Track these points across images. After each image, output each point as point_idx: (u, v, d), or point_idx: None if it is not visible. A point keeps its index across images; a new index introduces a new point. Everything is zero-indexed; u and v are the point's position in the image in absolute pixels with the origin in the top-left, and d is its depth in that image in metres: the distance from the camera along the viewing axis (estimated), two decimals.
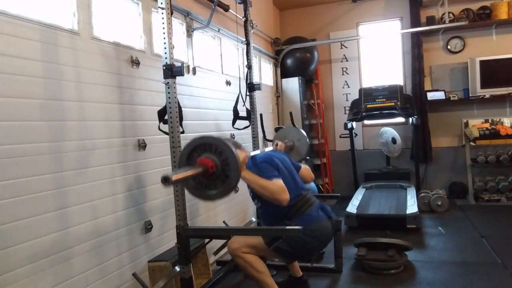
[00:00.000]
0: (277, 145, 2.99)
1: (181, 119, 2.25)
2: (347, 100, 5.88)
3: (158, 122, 2.29)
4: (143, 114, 2.59)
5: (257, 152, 2.50)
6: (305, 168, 2.74)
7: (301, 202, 2.37)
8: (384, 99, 5.10)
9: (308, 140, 3.49)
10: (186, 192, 2.25)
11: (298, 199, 2.37)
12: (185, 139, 2.97)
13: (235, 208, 3.90)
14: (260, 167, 2.30)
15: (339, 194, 3.92)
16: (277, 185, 2.20)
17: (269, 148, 3.02)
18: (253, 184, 2.21)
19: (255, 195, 2.38)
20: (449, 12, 5.08)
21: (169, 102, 2.18)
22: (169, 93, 2.17)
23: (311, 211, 2.37)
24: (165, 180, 1.64)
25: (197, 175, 1.86)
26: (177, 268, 2.30)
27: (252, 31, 3.59)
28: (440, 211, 4.66)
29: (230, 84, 3.88)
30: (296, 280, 2.75)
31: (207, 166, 1.86)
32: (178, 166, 2.01)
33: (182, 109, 2.28)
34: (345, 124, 5.25)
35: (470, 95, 5.18)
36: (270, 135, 4.59)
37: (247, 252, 2.28)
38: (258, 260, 2.30)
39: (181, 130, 2.27)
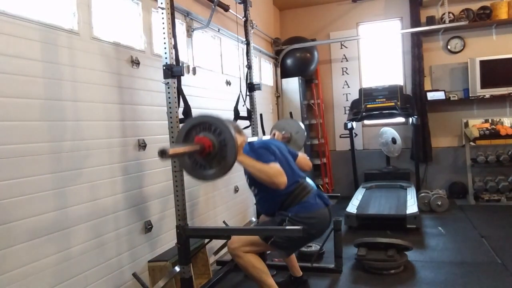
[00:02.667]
0: (274, 134, 2.99)
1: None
2: (347, 100, 5.88)
3: (159, 122, 2.30)
4: (143, 114, 2.59)
5: (255, 138, 2.49)
6: (302, 156, 2.71)
7: (298, 189, 2.36)
8: (384, 99, 5.10)
9: (305, 133, 3.46)
10: (186, 192, 2.25)
11: (295, 186, 2.35)
12: None
13: (235, 208, 3.90)
14: (257, 152, 2.28)
15: (339, 194, 3.92)
16: (274, 168, 2.18)
17: (267, 136, 3.01)
18: (250, 168, 2.19)
19: (252, 182, 2.36)
20: (449, 12, 5.09)
21: (169, 102, 2.17)
22: (169, 93, 2.17)
23: (308, 198, 2.35)
24: (162, 153, 1.63)
25: (194, 153, 1.84)
26: (177, 268, 2.30)
27: (252, 31, 3.59)
28: (440, 211, 4.66)
29: (230, 84, 3.88)
30: (296, 279, 2.75)
31: (204, 145, 1.84)
32: (176, 142, 2.00)
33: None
34: (345, 124, 5.25)
35: (470, 95, 5.18)
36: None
37: (247, 251, 2.27)
38: (258, 260, 2.30)
39: None
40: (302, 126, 3.47)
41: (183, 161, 1.96)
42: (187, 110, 2.24)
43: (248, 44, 3.48)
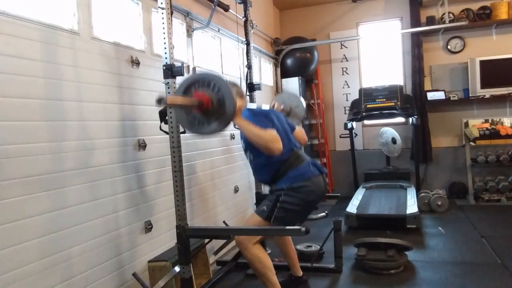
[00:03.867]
0: (274, 105, 2.98)
1: None
2: (347, 100, 5.88)
3: (159, 122, 2.30)
4: (143, 114, 2.59)
5: (254, 105, 2.50)
6: (299, 130, 2.71)
7: (293, 157, 2.37)
8: (384, 99, 5.11)
9: (305, 107, 3.42)
10: (186, 192, 2.25)
11: (290, 154, 2.36)
12: (188, 138, 3.00)
13: (235, 208, 3.90)
14: (255, 117, 2.29)
15: (339, 194, 3.91)
16: (271, 134, 2.19)
17: (266, 106, 3.00)
18: (247, 131, 2.19)
19: (248, 147, 2.38)
20: (449, 12, 5.09)
21: None
22: (169, 93, 2.17)
23: (302, 165, 2.37)
24: (159, 101, 1.65)
25: (192, 106, 1.86)
26: (177, 268, 2.30)
27: (252, 31, 3.59)
28: (440, 211, 4.66)
29: None
30: (296, 279, 2.75)
31: (203, 100, 1.86)
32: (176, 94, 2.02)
33: None
34: (345, 124, 5.25)
35: (470, 95, 5.18)
36: None
37: (254, 241, 2.28)
38: (265, 256, 2.32)
39: (182, 130, 2.27)
40: (303, 100, 3.42)
41: (180, 115, 1.96)
42: None
43: (248, 44, 3.48)
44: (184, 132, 2.30)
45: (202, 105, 1.86)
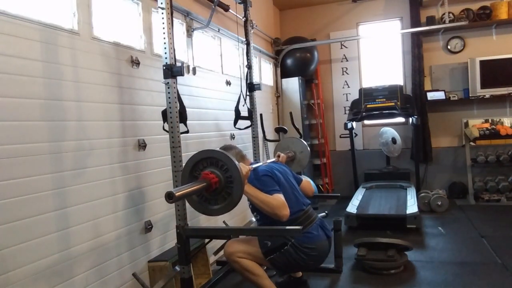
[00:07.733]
0: (279, 156, 2.98)
1: (185, 118, 2.25)
2: (347, 100, 5.88)
3: (159, 122, 2.29)
4: (143, 114, 2.59)
5: (259, 164, 2.49)
6: (306, 181, 2.73)
7: (302, 218, 2.36)
8: (384, 99, 5.11)
9: (309, 152, 3.46)
10: None
11: (299, 215, 2.35)
12: (188, 138, 3.00)
13: (235, 208, 3.88)
14: (261, 180, 2.28)
15: (339, 194, 3.91)
16: (278, 200, 2.19)
17: (271, 160, 3.01)
18: (253, 199, 2.21)
19: (255, 208, 2.36)
20: (449, 12, 5.08)
21: (169, 102, 2.18)
22: (169, 93, 2.17)
23: (311, 228, 2.36)
24: (169, 197, 1.64)
25: (200, 190, 1.84)
26: (177, 268, 2.30)
27: (252, 31, 3.59)
28: (440, 211, 4.66)
29: (230, 84, 3.88)
30: (295, 280, 2.75)
31: (210, 181, 1.84)
32: (182, 176, 2.00)
33: None
34: (345, 124, 5.25)
35: (470, 95, 5.18)
36: (270, 135, 4.60)
37: (243, 257, 2.28)
38: (254, 264, 2.30)
39: (185, 129, 2.26)
40: (306, 144, 3.46)
41: (190, 199, 1.96)
42: (181, 111, 2.25)
43: (248, 44, 3.48)
44: (188, 132, 2.30)
45: (210, 186, 1.83)
